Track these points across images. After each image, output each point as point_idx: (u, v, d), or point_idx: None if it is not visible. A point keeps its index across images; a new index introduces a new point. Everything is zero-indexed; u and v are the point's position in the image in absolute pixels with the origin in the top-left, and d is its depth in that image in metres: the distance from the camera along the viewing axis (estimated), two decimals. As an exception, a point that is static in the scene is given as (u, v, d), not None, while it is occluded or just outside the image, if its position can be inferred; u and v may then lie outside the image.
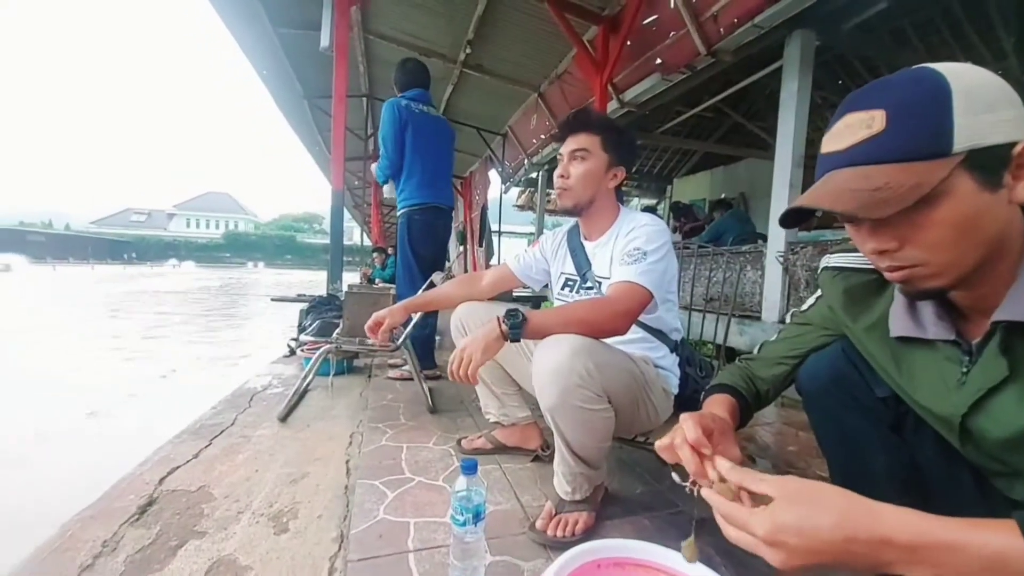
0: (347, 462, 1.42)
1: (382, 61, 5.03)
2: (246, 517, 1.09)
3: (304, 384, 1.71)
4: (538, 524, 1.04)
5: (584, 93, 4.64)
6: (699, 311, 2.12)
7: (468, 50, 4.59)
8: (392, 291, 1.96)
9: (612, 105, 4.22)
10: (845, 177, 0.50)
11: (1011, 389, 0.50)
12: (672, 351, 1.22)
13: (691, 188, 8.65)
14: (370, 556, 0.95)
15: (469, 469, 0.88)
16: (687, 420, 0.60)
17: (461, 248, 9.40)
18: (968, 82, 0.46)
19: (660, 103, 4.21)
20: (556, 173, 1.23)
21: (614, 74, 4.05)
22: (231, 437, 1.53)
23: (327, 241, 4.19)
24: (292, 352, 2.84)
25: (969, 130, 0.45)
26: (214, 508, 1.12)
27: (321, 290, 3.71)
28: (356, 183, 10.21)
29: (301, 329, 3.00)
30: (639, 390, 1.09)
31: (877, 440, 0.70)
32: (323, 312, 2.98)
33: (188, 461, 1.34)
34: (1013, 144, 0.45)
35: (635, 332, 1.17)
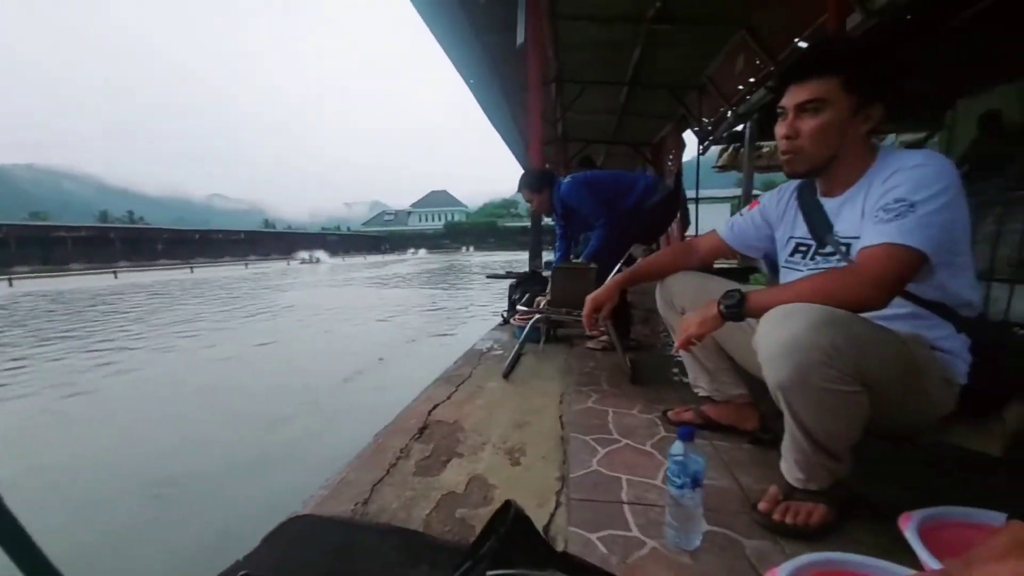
0: (560, 417, 1.59)
1: (568, 45, 5.13)
2: (488, 448, 1.36)
3: (519, 348, 1.97)
4: (761, 506, 0.96)
5: (809, 10, 3.78)
6: (1005, 281, 1.55)
7: (659, 3, 4.25)
8: (592, 267, 2.05)
9: (854, 19, 3.32)
10: None
11: None
12: (961, 330, 0.94)
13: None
14: (588, 499, 1.07)
15: (686, 435, 0.89)
16: None
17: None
18: None
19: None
20: (778, 132, 0.99)
21: (855, -26, 3.19)
22: (470, 386, 1.90)
23: (523, 223, 4.62)
24: (505, 321, 3.26)
25: None
26: (466, 437, 1.42)
27: (521, 268, 4.12)
28: (547, 166, 10.78)
29: (511, 302, 3.42)
30: (906, 375, 0.89)
31: None
32: (529, 287, 3.32)
33: (444, 401, 1.72)
34: None
35: (900, 306, 0.93)
